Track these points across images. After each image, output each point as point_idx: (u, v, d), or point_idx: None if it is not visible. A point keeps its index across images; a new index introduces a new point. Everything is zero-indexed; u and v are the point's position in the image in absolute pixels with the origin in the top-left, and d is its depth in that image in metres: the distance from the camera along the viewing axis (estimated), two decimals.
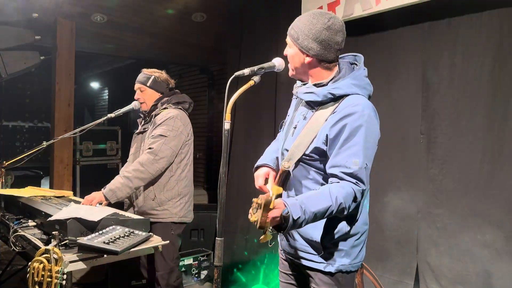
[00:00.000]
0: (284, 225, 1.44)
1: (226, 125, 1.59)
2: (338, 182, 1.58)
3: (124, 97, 9.28)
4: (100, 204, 2.57)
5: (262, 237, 1.45)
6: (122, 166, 7.04)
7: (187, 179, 2.91)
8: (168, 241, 2.25)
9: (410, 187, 2.96)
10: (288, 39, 1.75)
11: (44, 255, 1.82)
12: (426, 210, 2.86)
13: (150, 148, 2.71)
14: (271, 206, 1.37)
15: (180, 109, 2.91)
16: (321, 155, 1.68)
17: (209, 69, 7.42)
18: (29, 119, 8.09)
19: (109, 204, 2.65)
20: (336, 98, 1.65)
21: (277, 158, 1.95)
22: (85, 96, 10.98)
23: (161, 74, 2.94)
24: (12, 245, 2.22)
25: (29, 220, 2.40)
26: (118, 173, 2.75)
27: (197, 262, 4.28)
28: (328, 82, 1.71)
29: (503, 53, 2.52)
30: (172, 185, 2.83)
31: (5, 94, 7.75)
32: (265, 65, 1.74)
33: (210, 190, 6.79)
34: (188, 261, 4.23)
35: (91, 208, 2.40)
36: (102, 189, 2.61)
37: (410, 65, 2.99)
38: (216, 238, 1.59)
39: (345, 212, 1.57)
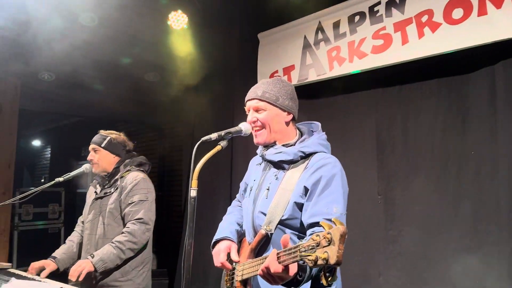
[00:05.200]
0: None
1: (193, 193, 1.51)
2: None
3: (68, 156, 8.93)
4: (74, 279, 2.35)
5: (332, 277, 1.19)
6: (65, 230, 6.62)
7: (149, 245, 2.72)
8: None
9: (370, 250, 2.94)
10: (259, 103, 1.75)
11: None
12: (388, 273, 2.83)
13: (139, 219, 2.57)
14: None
15: (142, 171, 2.79)
16: (298, 213, 1.65)
17: (160, 126, 7.31)
18: None
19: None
20: (306, 156, 1.72)
21: (236, 230, 1.89)
22: (25, 155, 10.35)
23: (118, 136, 2.82)
24: None
25: None
26: (59, 238, 2.54)
27: None
28: (295, 142, 1.78)
29: (452, 117, 2.66)
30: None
31: None
32: (232, 129, 1.71)
33: (159, 254, 6.43)
34: None
35: (34, 285, 2.14)
36: (89, 257, 2.43)
37: (365, 128, 3.08)
38: None
39: None
